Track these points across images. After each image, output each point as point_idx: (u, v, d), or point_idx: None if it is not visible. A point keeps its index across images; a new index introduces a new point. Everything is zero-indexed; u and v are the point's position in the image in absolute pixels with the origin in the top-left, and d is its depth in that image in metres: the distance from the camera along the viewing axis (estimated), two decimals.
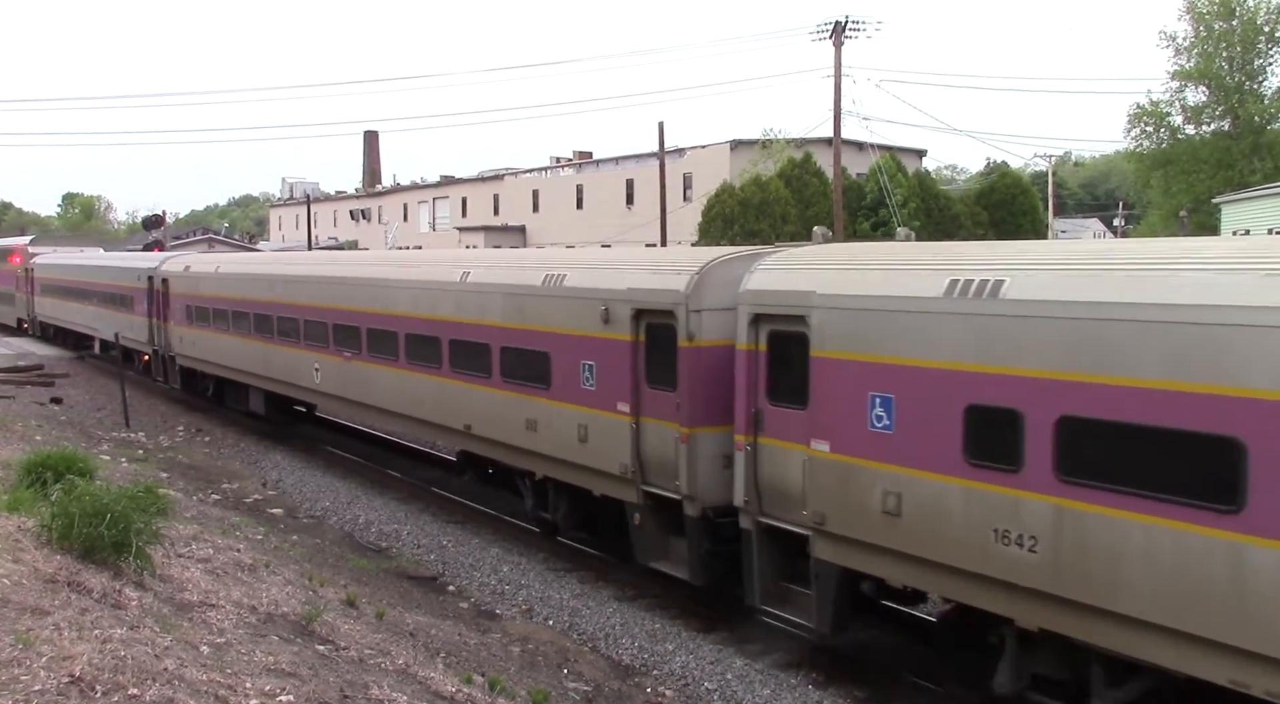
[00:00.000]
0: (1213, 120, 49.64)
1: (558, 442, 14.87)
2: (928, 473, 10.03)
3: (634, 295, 13.54)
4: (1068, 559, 8.92)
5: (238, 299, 26.21)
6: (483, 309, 16.62)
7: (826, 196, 51.00)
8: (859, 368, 10.73)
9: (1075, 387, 8.84)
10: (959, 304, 9.81)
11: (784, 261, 12.45)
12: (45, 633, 7.06)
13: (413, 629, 12.08)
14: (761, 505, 11.98)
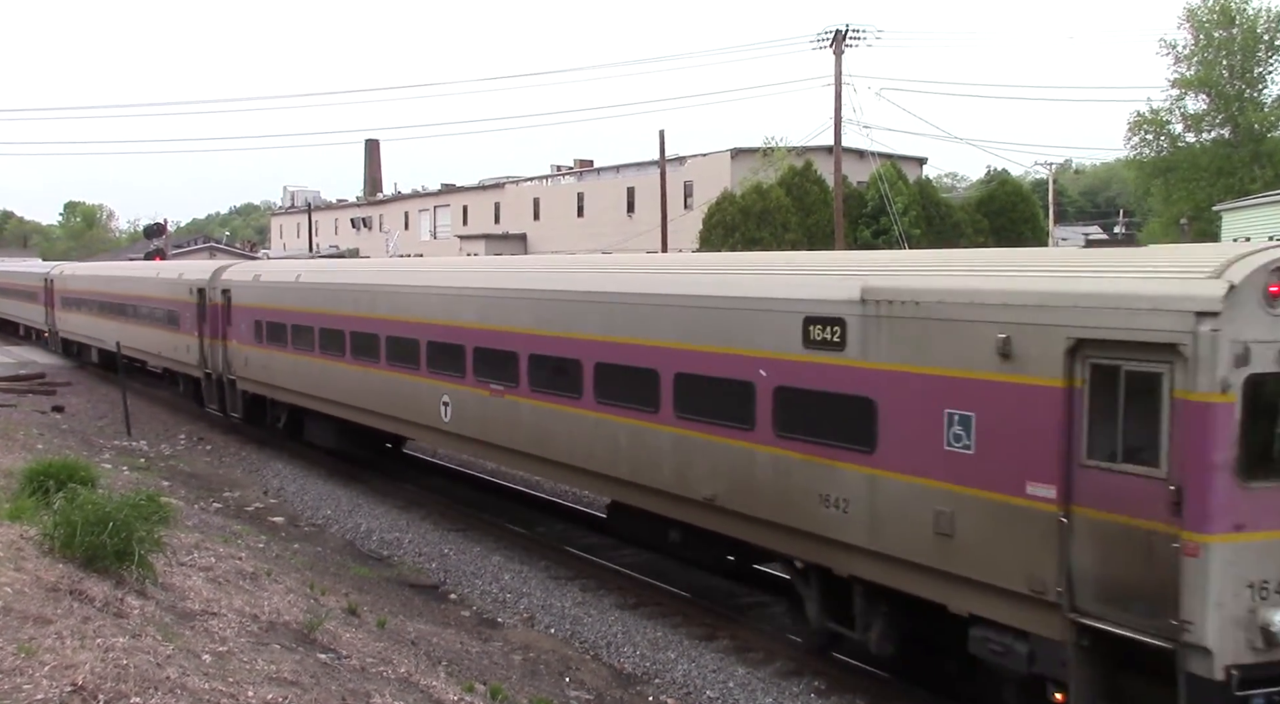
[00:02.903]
0: (1213, 128, 49.70)
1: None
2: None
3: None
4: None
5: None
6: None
7: (827, 205, 51.03)
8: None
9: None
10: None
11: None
12: (48, 642, 7.06)
13: (414, 637, 12.07)
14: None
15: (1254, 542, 8.30)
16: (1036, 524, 9.25)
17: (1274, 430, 8.45)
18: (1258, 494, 8.32)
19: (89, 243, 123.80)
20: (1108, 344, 8.86)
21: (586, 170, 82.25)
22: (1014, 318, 9.52)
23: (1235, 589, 8.25)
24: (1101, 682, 9.10)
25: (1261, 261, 8.41)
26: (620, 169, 76.07)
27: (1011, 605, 9.62)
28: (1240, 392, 8.24)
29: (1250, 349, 8.25)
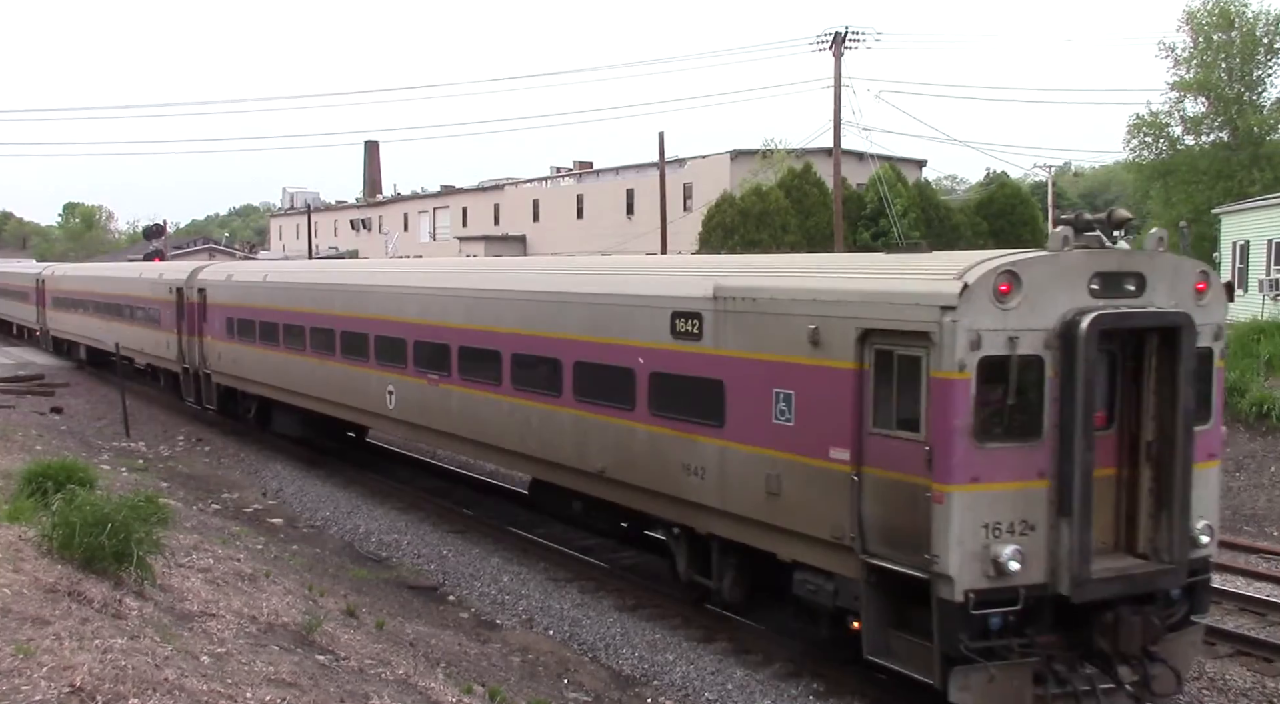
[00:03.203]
0: (1212, 131, 49.71)
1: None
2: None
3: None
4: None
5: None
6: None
7: (827, 206, 51.04)
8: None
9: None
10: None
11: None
12: (46, 643, 7.06)
13: (413, 639, 12.07)
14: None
15: (987, 491, 10.04)
16: (837, 483, 11.08)
17: (1003, 401, 10.06)
18: (990, 453, 10.02)
19: (88, 244, 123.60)
20: (885, 333, 10.68)
21: (586, 172, 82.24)
22: (821, 312, 11.36)
23: (972, 529, 9.98)
24: (887, 611, 10.85)
25: (992, 266, 10.14)
26: (620, 171, 76.07)
27: (820, 551, 11.49)
28: (975, 370, 9.97)
29: (982, 336, 9.98)
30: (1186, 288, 11.02)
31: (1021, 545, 10.02)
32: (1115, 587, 10.38)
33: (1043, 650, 10.26)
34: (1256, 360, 22.36)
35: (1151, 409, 10.80)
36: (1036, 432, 10.18)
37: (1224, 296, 11.58)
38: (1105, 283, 10.46)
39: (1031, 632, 10.24)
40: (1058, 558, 10.13)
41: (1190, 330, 10.62)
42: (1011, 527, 10.06)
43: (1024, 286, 10.12)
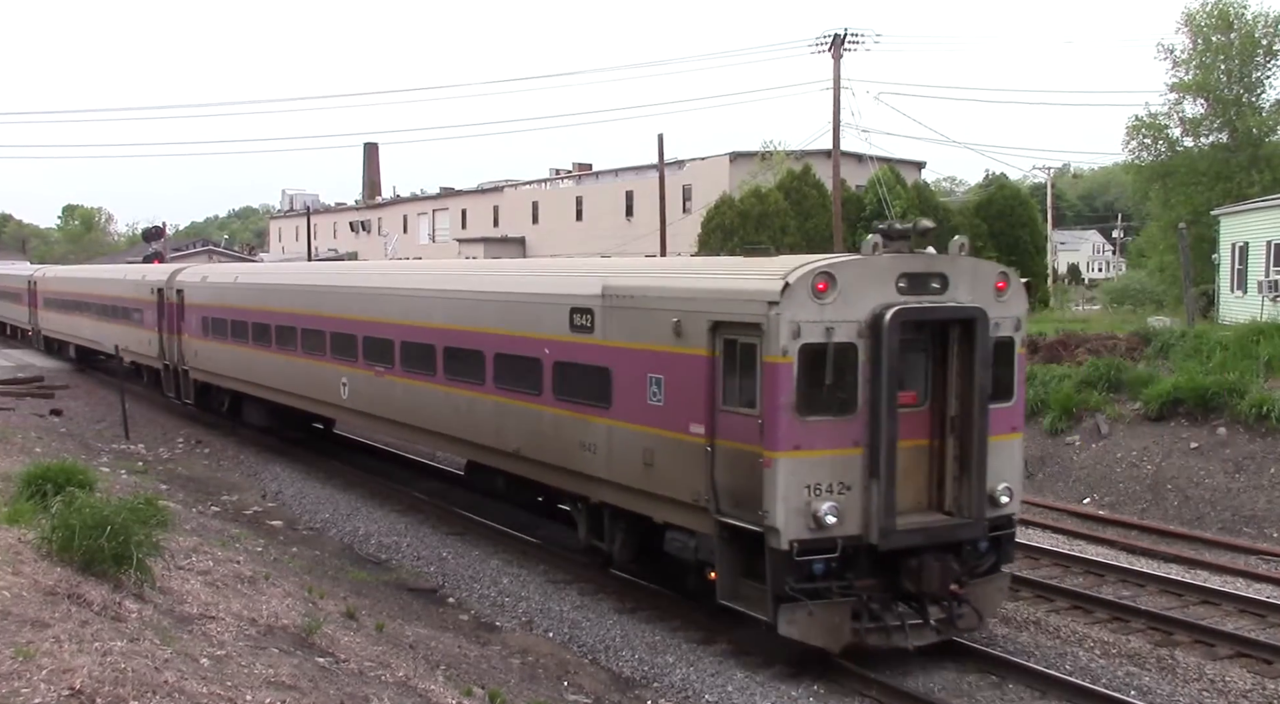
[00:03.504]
0: (1211, 132, 49.63)
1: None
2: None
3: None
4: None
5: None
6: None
7: (826, 208, 51.05)
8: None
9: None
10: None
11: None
12: (45, 645, 7.06)
13: (413, 641, 12.06)
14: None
15: (808, 457, 11.82)
16: (695, 454, 12.70)
17: (822, 381, 11.76)
18: (810, 425, 11.79)
19: (87, 246, 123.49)
20: (729, 325, 12.37)
21: (585, 174, 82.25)
22: (682, 307, 13.05)
23: (796, 489, 11.76)
24: (737, 561, 12.51)
25: (811, 268, 11.91)
26: (619, 172, 76.07)
27: (684, 513, 13.15)
28: (797, 356, 11.70)
29: (802, 327, 11.73)
30: (987, 286, 12.85)
31: (838, 503, 11.85)
32: (917, 537, 12.27)
33: (860, 592, 12.11)
34: (1256, 361, 22.36)
35: (955, 389, 12.61)
36: (851, 407, 11.97)
37: (1023, 294, 13.35)
38: (911, 282, 12.28)
39: (851, 576, 12.08)
40: (869, 513, 11.97)
41: (985, 322, 12.43)
42: (830, 487, 11.90)
43: (839, 285, 11.88)
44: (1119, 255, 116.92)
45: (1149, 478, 20.66)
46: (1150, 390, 22.29)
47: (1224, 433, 20.76)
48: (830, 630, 12.03)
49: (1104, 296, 66.68)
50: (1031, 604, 14.97)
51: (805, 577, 11.82)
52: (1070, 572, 16.51)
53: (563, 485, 15.71)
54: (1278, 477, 19.28)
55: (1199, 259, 40.97)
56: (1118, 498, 20.61)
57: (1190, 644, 13.43)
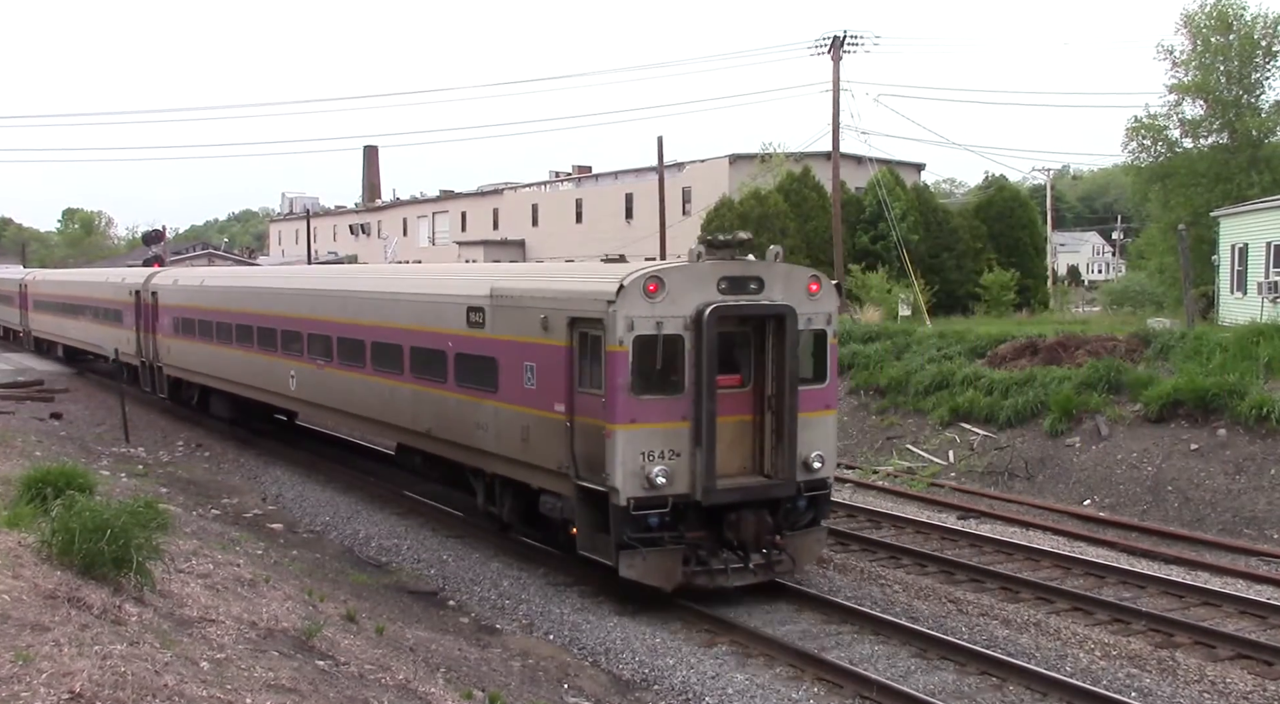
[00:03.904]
0: (1210, 134, 49.57)
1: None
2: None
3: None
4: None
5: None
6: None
7: (825, 210, 51.05)
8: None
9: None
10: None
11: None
12: (45, 649, 7.05)
13: (413, 644, 12.05)
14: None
15: (642, 429, 14.03)
16: (559, 429, 14.92)
17: (652, 367, 14.00)
18: (644, 402, 14.02)
19: (87, 250, 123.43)
20: (582, 320, 14.58)
21: (585, 176, 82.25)
22: (548, 305, 15.30)
23: (632, 455, 13.96)
24: (592, 518, 14.59)
25: (643, 272, 14.26)
26: (618, 175, 76.09)
27: (553, 479, 15.35)
28: (631, 345, 13.94)
29: (635, 321, 13.96)
30: (799, 287, 15.12)
31: (668, 467, 14.06)
32: (736, 495, 14.52)
33: (689, 541, 14.46)
34: (1256, 363, 22.34)
35: (772, 373, 14.82)
36: (679, 388, 14.21)
37: (834, 294, 15.75)
38: (731, 284, 14.54)
39: (681, 528, 14.37)
40: (695, 475, 14.18)
41: (795, 318, 14.69)
42: (661, 454, 14.11)
43: (667, 287, 14.17)
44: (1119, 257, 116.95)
45: (1149, 479, 20.65)
46: (1150, 392, 22.28)
47: (1224, 434, 20.75)
48: (663, 572, 14.37)
49: (1104, 298, 66.68)
50: (1032, 606, 14.97)
51: (642, 528, 14.09)
52: (1071, 573, 16.52)
53: (464, 460, 17.93)
54: (1278, 478, 19.28)
55: (1199, 260, 40.94)
56: (1118, 499, 20.61)
57: (1191, 646, 13.42)
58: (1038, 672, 12.43)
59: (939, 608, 15.15)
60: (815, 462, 15.06)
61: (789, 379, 14.65)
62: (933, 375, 27.12)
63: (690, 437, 14.20)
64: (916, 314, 43.93)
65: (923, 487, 22.97)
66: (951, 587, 15.86)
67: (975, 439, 24.55)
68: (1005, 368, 26.52)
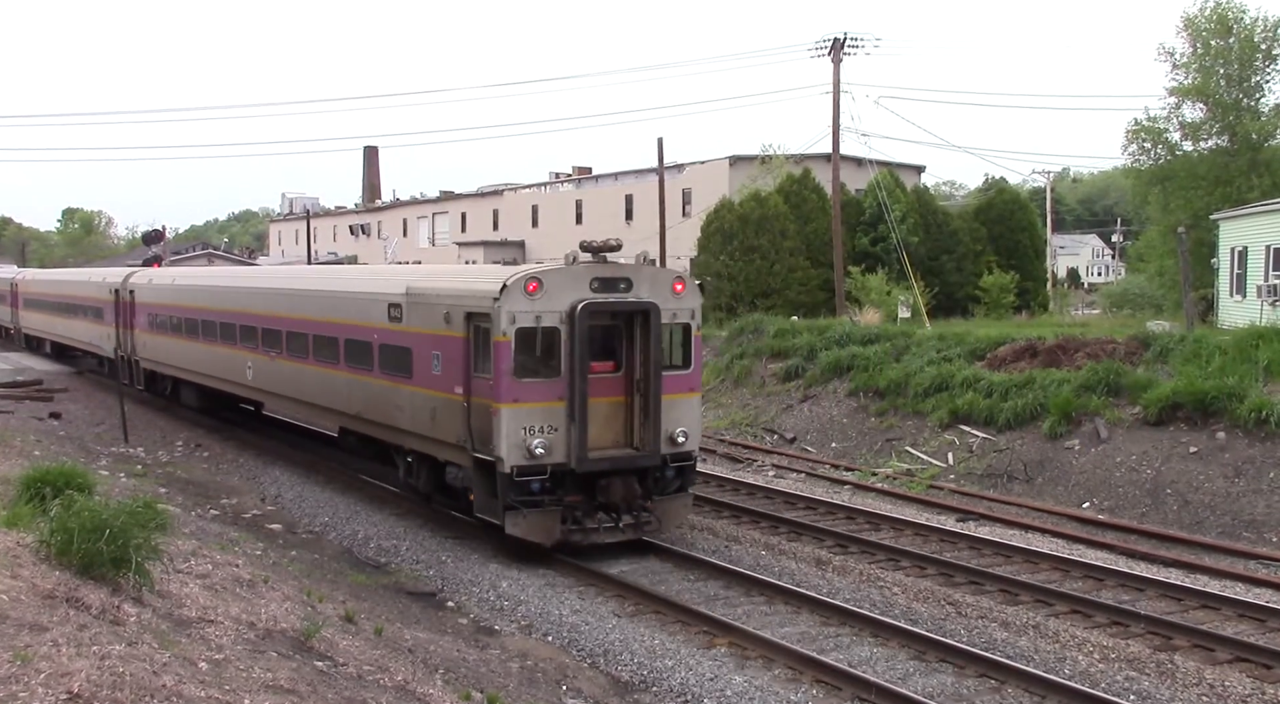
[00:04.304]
0: (1210, 137, 49.59)
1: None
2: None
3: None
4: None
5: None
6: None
7: (825, 212, 51.05)
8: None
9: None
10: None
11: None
12: (43, 649, 7.04)
13: (411, 645, 12.05)
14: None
15: (524, 408, 16.24)
16: (459, 408, 17.08)
17: (532, 354, 16.30)
18: (526, 385, 16.26)
19: (87, 249, 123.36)
20: (476, 314, 16.75)
21: (585, 177, 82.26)
22: (449, 302, 17.53)
23: (515, 430, 16.15)
24: (485, 485, 16.81)
25: (524, 273, 16.62)
26: (619, 176, 76.11)
27: (455, 452, 17.53)
28: (514, 336, 16.17)
29: (517, 315, 16.19)
30: (665, 287, 17.31)
31: (546, 440, 16.25)
32: (605, 464, 16.74)
33: (567, 504, 16.71)
34: (1255, 366, 22.33)
35: (639, 360, 17.01)
36: (556, 372, 16.42)
37: (698, 292, 18.03)
38: (603, 284, 16.77)
39: (560, 492, 16.60)
40: (570, 447, 16.37)
41: (657, 313, 16.85)
42: (541, 429, 16.30)
43: (545, 286, 16.37)
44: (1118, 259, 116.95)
45: (1148, 482, 20.65)
46: (1149, 395, 22.28)
47: (1223, 437, 20.75)
48: (544, 530, 16.65)
49: (1103, 301, 66.71)
50: (1031, 608, 14.97)
51: (525, 493, 16.32)
52: (1070, 576, 16.51)
53: (388, 438, 20.12)
54: (1277, 481, 19.28)
55: (1198, 263, 40.96)
56: (1117, 502, 20.60)
57: (1190, 649, 13.42)
58: (1036, 674, 12.43)
59: (938, 610, 15.14)
60: (680, 437, 17.26)
61: (654, 366, 16.86)
62: (932, 377, 27.12)
63: (566, 414, 16.40)
64: (916, 316, 43.94)
65: (922, 489, 22.96)
66: (950, 589, 15.86)
67: (974, 441, 24.55)
68: (1005, 370, 26.53)
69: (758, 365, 33.64)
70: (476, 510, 17.22)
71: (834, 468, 25.44)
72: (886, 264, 51.44)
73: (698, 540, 18.95)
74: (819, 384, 30.56)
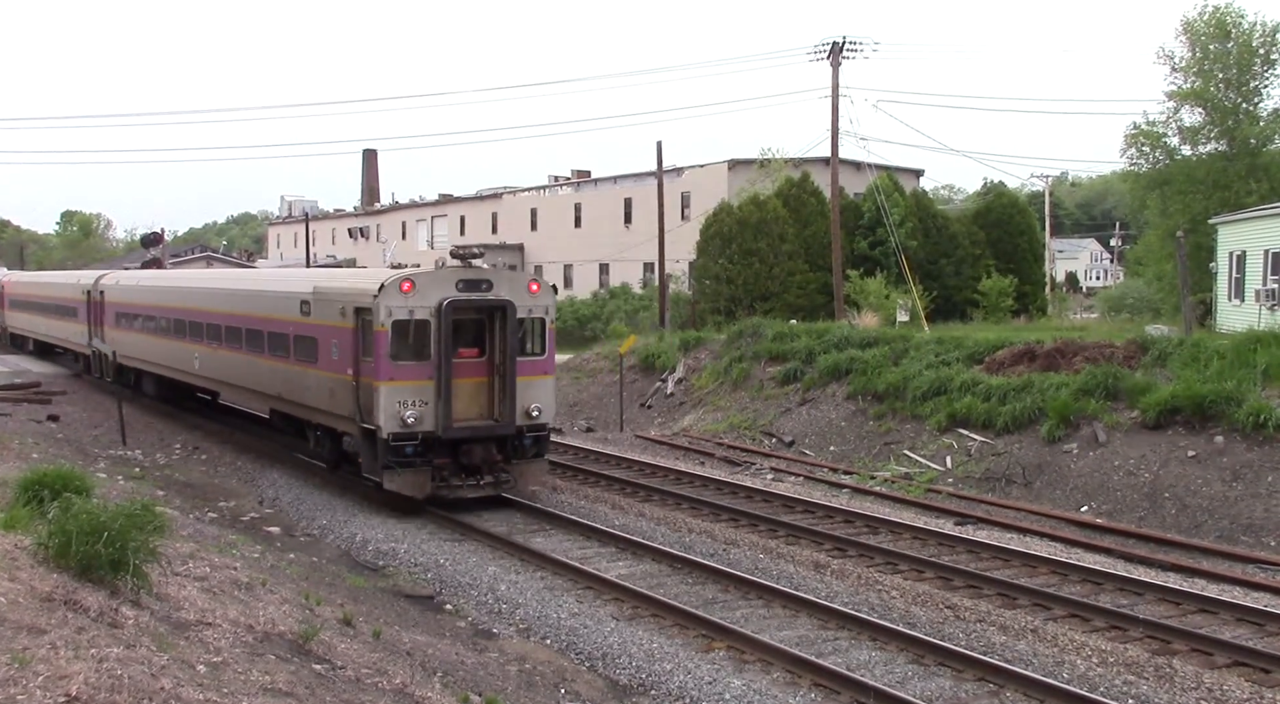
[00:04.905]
0: (1209, 141, 49.61)
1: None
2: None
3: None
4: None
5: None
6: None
7: (824, 215, 51.07)
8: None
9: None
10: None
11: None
12: (41, 652, 7.04)
13: (410, 648, 12.03)
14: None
15: (399, 385, 19.71)
16: (350, 387, 20.51)
17: (406, 342, 19.60)
18: (401, 366, 19.71)
19: (86, 252, 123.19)
20: (362, 309, 20.17)
21: (584, 181, 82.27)
22: (344, 299, 21.02)
23: (392, 404, 19.62)
24: (369, 449, 20.27)
25: (398, 276, 20.04)
26: (618, 180, 76.12)
27: (348, 424, 20.95)
28: (390, 327, 19.60)
29: (393, 309, 19.62)
30: (522, 287, 20.99)
31: (418, 411, 19.76)
32: (467, 432, 20.31)
33: (436, 465, 20.19)
34: (1253, 370, 22.34)
35: (499, 347, 20.56)
36: (426, 356, 19.87)
37: (550, 292, 21.57)
38: (467, 284, 20.25)
39: (430, 455, 20.06)
40: (438, 418, 19.86)
41: (514, 309, 20.41)
42: (413, 402, 19.74)
43: (418, 286, 19.87)
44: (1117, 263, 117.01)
45: (1146, 486, 20.66)
46: (1148, 399, 22.29)
47: (1221, 441, 20.76)
48: (416, 485, 20.12)
49: (1102, 305, 66.69)
50: (1029, 612, 14.97)
51: (400, 455, 19.78)
52: (1068, 580, 16.51)
53: (301, 415, 23.40)
54: (1275, 485, 19.28)
55: (1196, 267, 40.99)
56: (1115, 506, 20.61)
57: (1188, 653, 13.41)
58: (1035, 678, 12.42)
59: (936, 614, 15.14)
60: (535, 411, 20.77)
61: (510, 352, 20.36)
62: (930, 381, 27.12)
63: (435, 391, 19.82)
64: (914, 320, 43.95)
65: (920, 492, 22.96)
66: (949, 592, 15.85)
67: (973, 445, 24.55)
68: (1003, 374, 26.53)
69: (756, 368, 33.65)
70: (364, 471, 20.65)
71: (832, 471, 25.43)
72: (885, 268, 51.45)
73: (696, 544, 18.95)
74: (817, 387, 30.57)
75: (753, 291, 51.16)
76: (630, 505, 21.80)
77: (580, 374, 40.49)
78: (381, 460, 19.77)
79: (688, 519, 20.52)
